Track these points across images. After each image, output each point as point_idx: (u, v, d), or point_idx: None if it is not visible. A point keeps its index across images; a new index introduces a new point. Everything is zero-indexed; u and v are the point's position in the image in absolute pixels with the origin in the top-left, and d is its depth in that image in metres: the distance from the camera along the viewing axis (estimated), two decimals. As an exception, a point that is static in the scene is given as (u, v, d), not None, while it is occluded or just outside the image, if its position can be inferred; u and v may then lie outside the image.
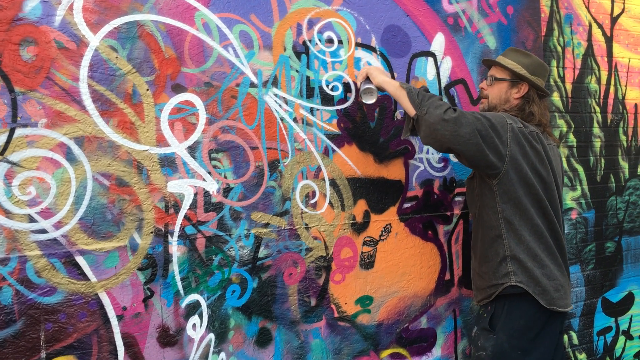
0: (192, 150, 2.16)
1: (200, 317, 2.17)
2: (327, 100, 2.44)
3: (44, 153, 1.90)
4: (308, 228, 2.39)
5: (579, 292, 3.25)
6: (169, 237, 2.11)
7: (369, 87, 2.32)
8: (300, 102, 2.38)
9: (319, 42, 2.42)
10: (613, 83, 3.42)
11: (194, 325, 2.16)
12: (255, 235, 2.28)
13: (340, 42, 2.47)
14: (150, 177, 2.08)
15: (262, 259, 2.29)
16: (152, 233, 2.08)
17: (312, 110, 2.40)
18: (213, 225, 2.20)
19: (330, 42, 2.45)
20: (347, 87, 2.48)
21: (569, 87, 3.23)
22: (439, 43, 2.73)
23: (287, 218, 2.34)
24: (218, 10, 2.21)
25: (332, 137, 2.45)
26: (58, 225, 1.92)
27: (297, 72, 2.37)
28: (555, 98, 3.15)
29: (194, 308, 2.16)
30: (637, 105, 3.53)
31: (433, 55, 2.71)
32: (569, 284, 2.31)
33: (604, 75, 3.39)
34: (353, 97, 2.50)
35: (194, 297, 2.16)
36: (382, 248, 2.57)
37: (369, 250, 2.54)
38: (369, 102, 2.35)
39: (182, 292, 2.13)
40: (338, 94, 2.46)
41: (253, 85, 2.28)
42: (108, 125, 2.01)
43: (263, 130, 2.29)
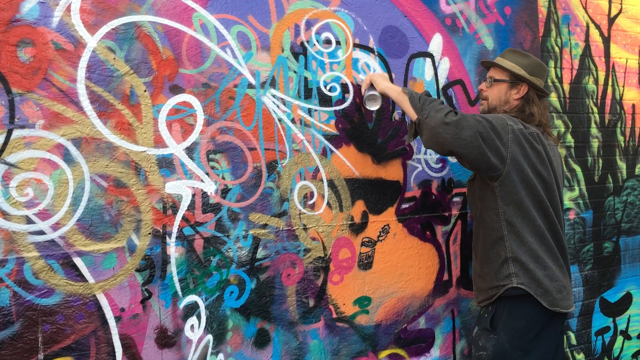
0: (190, 151, 2.16)
1: (199, 318, 2.17)
2: (325, 101, 2.44)
3: (42, 154, 1.90)
4: (306, 229, 2.39)
5: (577, 292, 3.26)
6: (167, 238, 2.11)
7: (373, 93, 2.33)
8: (298, 103, 2.38)
9: (317, 43, 2.42)
10: (610, 83, 3.43)
11: (192, 327, 2.16)
12: (254, 236, 2.28)
13: (338, 43, 2.47)
14: (148, 178, 2.08)
15: (260, 260, 2.29)
16: (150, 234, 2.08)
17: (310, 111, 2.40)
18: (211, 226, 2.19)
19: (328, 43, 2.45)
20: (345, 88, 2.49)
21: (567, 87, 3.23)
22: (437, 44, 2.73)
23: (285, 219, 2.34)
24: (216, 11, 2.21)
25: (330, 137, 2.45)
26: (56, 227, 1.92)
27: (295, 73, 2.37)
28: (553, 98, 3.16)
29: (192, 309, 2.16)
30: (634, 106, 3.53)
31: (431, 56, 2.71)
32: (571, 285, 2.31)
33: (602, 76, 3.39)
34: (351, 98, 2.50)
35: (192, 298, 2.16)
36: (380, 249, 2.57)
37: (367, 251, 2.54)
38: (373, 108, 2.37)
39: (180, 293, 2.13)
40: (336, 95, 2.46)
41: (251, 86, 2.28)
42: (106, 127, 2.00)
43: (261, 131, 2.29)
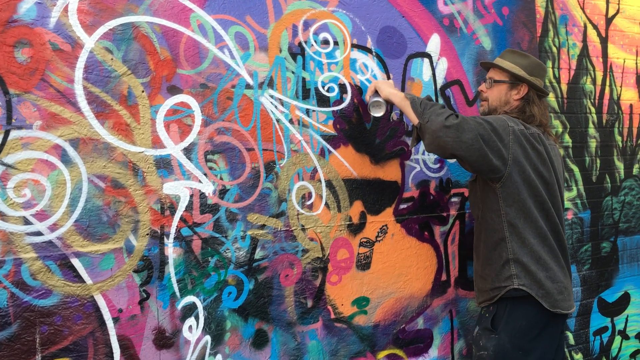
0: (187, 152, 2.15)
1: (197, 319, 2.17)
2: (323, 102, 2.44)
3: (39, 155, 1.89)
4: (304, 229, 2.39)
5: (575, 292, 3.26)
6: (165, 239, 2.11)
7: (378, 100, 2.34)
8: (296, 103, 2.38)
9: (315, 43, 2.42)
10: (608, 84, 3.43)
11: (190, 327, 2.16)
12: (252, 237, 2.28)
13: (336, 43, 2.47)
14: (146, 178, 2.07)
15: (258, 261, 2.29)
16: (147, 235, 2.07)
17: (308, 112, 2.40)
18: (209, 227, 2.19)
19: (326, 43, 2.45)
20: (343, 88, 2.48)
21: (565, 87, 3.24)
22: (435, 44, 2.73)
23: (283, 219, 2.34)
24: (213, 12, 2.21)
25: (328, 138, 2.45)
26: (53, 228, 1.92)
27: (293, 73, 2.37)
28: (551, 99, 3.16)
29: (190, 310, 2.16)
30: (632, 106, 3.54)
31: (429, 56, 2.71)
32: (571, 285, 2.32)
33: (599, 76, 3.40)
34: (349, 98, 2.50)
35: (190, 299, 2.16)
36: (378, 249, 2.57)
37: (366, 252, 2.54)
38: (378, 114, 2.37)
39: (178, 294, 2.13)
40: (334, 95, 2.46)
41: (249, 87, 2.28)
42: (103, 127, 2.00)
43: (259, 132, 2.29)
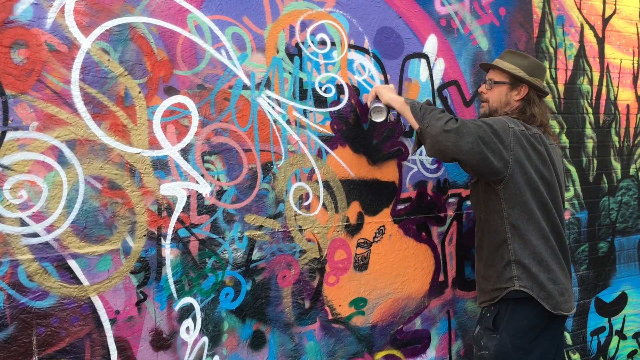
0: (185, 153, 2.15)
1: (194, 320, 2.17)
2: (320, 102, 2.43)
3: (36, 156, 1.89)
4: (302, 230, 2.39)
5: (573, 292, 3.26)
6: (162, 240, 2.10)
7: (378, 105, 2.33)
8: (294, 104, 2.38)
9: (312, 44, 2.42)
10: (605, 84, 3.44)
11: (188, 329, 2.15)
12: (249, 238, 2.27)
13: (333, 44, 2.47)
14: (143, 180, 2.07)
15: (255, 262, 2.28)
16: (145, 236, 2.07)
17: (305, 112, 2.40)
18: (206, 228, 2.19)
19: (323, 44, 2.45)
20: (340, 89, 2.48)
21: (562, 88, 3.24)
22: (432, 44, 2.73)
23: (280, 220, 2.34)
24: (210, 13, 2.21)
25: (325, 139, 2.44)
26: (50, 229, 1.91)
27: (290, 74, 2.37)
28: (548, 99, 3.16)
29: (188, 311, 2.15)
30: (629, 106, 3.54)
31: (426, 57, 2.71)
32: (572, 286, 2.32)
33: (596, 76, 3.40)
34: (346, 99, 2.50)
35: (188, 300, 2.15)
36: (376, 250, 2.57)
37: (363, 252, 2.53)
38: (379, 120, 2.37)
39: (175, 295, 2.13)
40: (331, 96, 2.46)
41: (246, 88, 2.27)
42: (100, 128, 2.00)
43: (256, 133, 2.29)
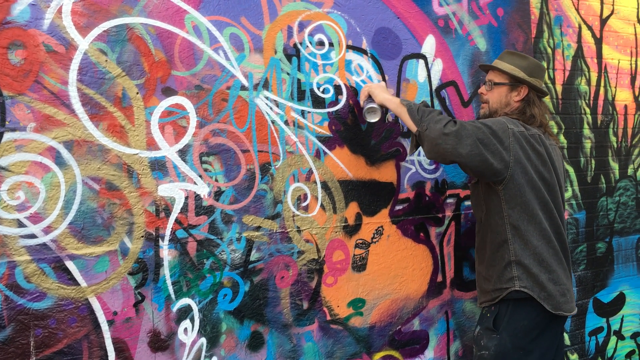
0: (182, 154, 2.15)
1: (192, 321, 2.16)
2: (318, 103, 2.43)
3: (33, 157, 1.89)
4: (300, 231, 2.38)
5: (571, 292, 3.27)
6: (160, 241, 2.10)
7: (373, 106, 2.33)
8: (292, 104, 2.37)
9: (310, 44, 2.42)
10: (603, 84, 3.44)
11: (186, 330, 2.15)
12: (247, 239, 2.27)
13: (331, 44, 2.47)
14: (141, 180, 2.07)
15: (253, 263, 2.28)
16: (142, 237, 2.07)
17: (303, 113, 2.40)
18: (204, 229, 2.19)
19: (321, 44, 2.45)
20: (338, 89, 2.48)
21: (559, 88, 3.24)
22: (430, 45, 2.73)
23: (278, 221, 2.34)
24: (208, 13, 2.21)
25: (323, 139, 2.44)
26: (47, 230, 1.91)
27: (288, 74, 2.37)
28: (546, 99, 3.17)
29: (186, 312, 2.15)
30: (626, 107, 3.55)
31: (424, 58, 2.71)
32: (572, 287, 2.32)
33: (594, 77, 3.41)
34: (344, 99, 2.50)
35: (186, 301, 2.15)
36: (374, 250, 2.57)
37: (361, 253, 2.53)
38: (373, 120, 2.37)
39: (173, 296, 2.12)
40: (329, 97, 2.46)
41: (244, 88, 2.27)
42: (98, 129, 1.99)
43: (254, 133, 2.29)
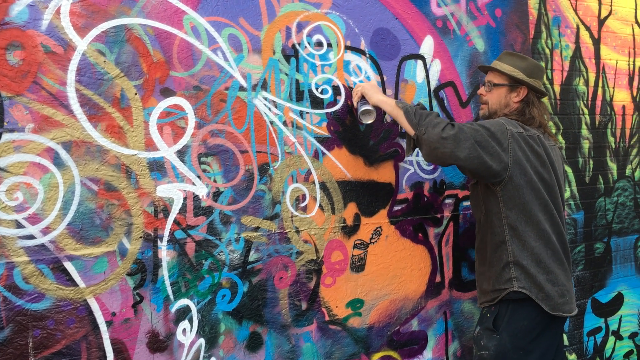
0: (181, 155, 2.15)
1: (191, 322, 2.16)
2: (316, 104, 2.44)
3: (31, 158, 1.88)
4: (298, 231, 2.38)
5: (569, 293, 3.27)
6: (159, 241, 2.10)
7: (367, 108, 2.32)
8: (290, 105, 2.38)
9: (308, 45, 2.42)
10: (601, 85, 3.45)
11: (184, 330, 2.15)
12: (246, 239, 2.27)
13: (330, 45, 2.47)
14: (139, 181, 2.07)
15: (252, 263, 2.28)
16: (141, 238, 2.07)
17: (301, 114, 2.40)
18: (203, 230, 2.19)
19: (320, 45, 2.45)
20: (336, 90, 2.49)
21: (558, 89, 3.25)
22: (428, 46, 2.74)
23: (277, 222, 2.34)
24: (207, 14, 2.21)
25: (322, 140, 2.45)
26: (46, 231, 1.91)
27: (286, 75, 2.37)
28: (544, 100, 3.17)
29: (184, 313, 2.15)
30: (624, 107, 3.55)
31: (422, 58, 2.72)
32: (573, 288, 2.32)
33: (592, 77, 3.41)
34: (343, 100, 2.50)
35: (184, 302, 2.15)
36: (372, 251, 2.57)
37: (360, 253, 2.54)
38: (368, 121, 2.37)
39: (171, 297, 2.12)
40: (328, 97, 2.46)
41: (242, 89, 2.27)
42: (96, 130, 1.99)
43: (253, 134, 2.29)
